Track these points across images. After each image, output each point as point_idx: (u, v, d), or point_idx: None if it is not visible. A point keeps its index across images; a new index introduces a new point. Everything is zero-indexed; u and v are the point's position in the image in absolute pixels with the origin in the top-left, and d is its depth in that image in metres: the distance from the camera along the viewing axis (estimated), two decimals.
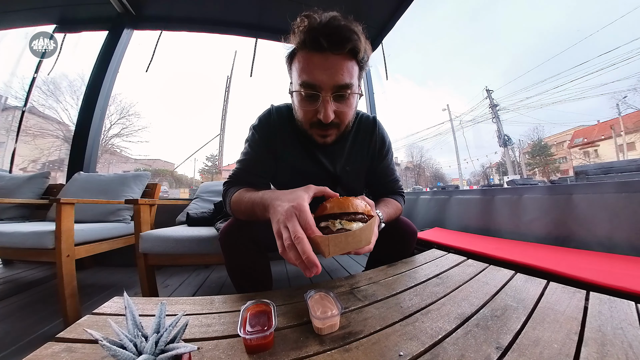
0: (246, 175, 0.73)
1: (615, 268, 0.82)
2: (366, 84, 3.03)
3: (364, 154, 0.80)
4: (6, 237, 1.16)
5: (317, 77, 0.56)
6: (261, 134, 0.74)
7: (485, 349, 0.36)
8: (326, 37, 0.53)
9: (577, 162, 16.22)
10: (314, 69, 0.56)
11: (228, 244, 0.69)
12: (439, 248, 1.09)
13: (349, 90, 0.59)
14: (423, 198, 2.19)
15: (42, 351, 0.35)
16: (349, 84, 0.58)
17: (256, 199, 0.58)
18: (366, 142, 0.79)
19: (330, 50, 0.55)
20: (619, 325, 0.40)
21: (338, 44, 0.54)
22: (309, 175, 0.74)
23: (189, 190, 13.12)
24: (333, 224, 0.47)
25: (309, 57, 0.57)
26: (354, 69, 0.59)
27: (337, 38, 0.54)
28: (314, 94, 0.58)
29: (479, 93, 16.45)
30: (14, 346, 0.89)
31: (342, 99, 0.59)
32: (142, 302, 0.51)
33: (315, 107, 0.59)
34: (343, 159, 0.77)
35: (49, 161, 9.92)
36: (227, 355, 0.36)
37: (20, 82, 4.78)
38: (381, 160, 0.82)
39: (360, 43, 0.56)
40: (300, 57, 0.59)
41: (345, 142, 0.77)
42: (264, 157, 0.74)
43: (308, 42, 0.56)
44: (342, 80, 0.57)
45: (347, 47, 0.55)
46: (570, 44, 44.22)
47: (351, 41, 0.55)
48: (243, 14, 2.57)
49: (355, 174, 0.80)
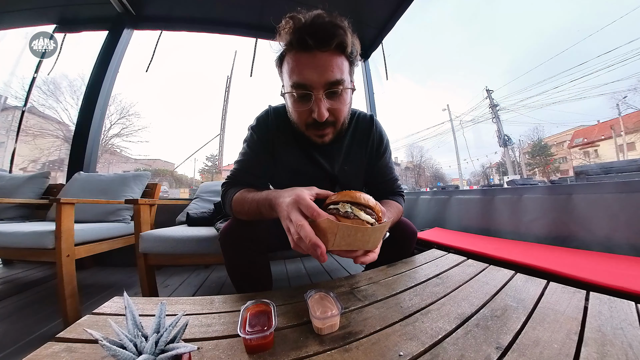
0: (244, 176, 0.73)
1: (615, 268, 0.82)
2: (366, 84, 3.02)
3: (362, 153, 0.79)
4: (6, 237, 1.16)
5: (307, 77, 0.56)
6: (259, 134, 0.74)
7: (485, 349, 0.36)
8: (312, 35, 0.53)
9: (577, 162, 16.22)
10: (303, 68, 0.56)
11: (228, 244, 0.69)
12: (439, 248, 1.09)
13: (340, 86, 0.58)
14: (423, 198, 2.19)
15: (42, 351, 0.35)
16: (340, 80, 0.57)
17: (261, 199, 0.59)
18: (364, 141, 0.78)
19: (317, 48, 0.54)
20: (619, 325, 0.40)
21: (324, 40, 0.54)
22: (307, 176, 0.74)
23: (189, 190, 13.12)
24: (344, 206, 0.46)
25: (298, 58, 0.56)
26: (344, 64, 0.59)
27: (322, 35, 0.54)
28: (306, 94, 0.57)
29: (479, 93, 16.46)
30: (14, 346, 0.89)
31: (334, 95, 0.59)
32: (142, 302, 0.51)
33: (308, 107, 0.58)
34: (341, 159, 0.76)
35: (49, 161, 9.92)
36: (227, 355, 0.36)
37: (20, 82, 4.79)
38: (379, 158, 0.81)
39: (346, 37, 0.56)
40: (289, 59, 0.58)
41: (343, 142, 0.76)
42: (262, 158, 0.74)
43: (295, 42, 0.55)
44: (332, 76, 0.56)
45: (333, 43, 0.55)
46: (570, 44, 44.28)
47: (337, 36, 0.55)
48: (243, 14, 2.57)
49: (353, 174, 0.80)
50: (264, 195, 0.58)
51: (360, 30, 2.74)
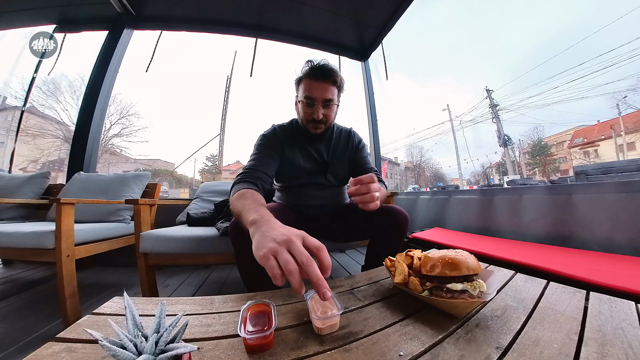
0: (254, 172, 0.88)
1: (615, 268, 0.82)
2: (366, 84, 3.03)
3: (345, 149, 1.10)
4: (6, 237, 1.16)
5: (314, 94, 0.92)
6: (271, 138, 1.01)
7: (485, 349, 0.36)
8: (320, 72, 0.91)
9: (577, 162, 16.22)
10: (312, 89, 0.92)
11: (238, 237, 0.73)
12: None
13: (331, 102, 0.94)
14: (423, 198, 2.19)
15: (42, 351, 0.35)
16: (331, 99, 0.94)
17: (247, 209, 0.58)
18: (345, 141, 1.11)
19: (322, 80, 0.91)
20: (619, 325, 0.40)
21: (327, 76, 0.91)
22: (306, 166, 1.03)
23: (189, 190, 13.10)
24: (455, 286, 0.45)
25: (310, 82, 0.92)
26: (335, 91, 0.95)
27: (326, 74, 0.91)
28: (311, 103, 0.93)
29: (480, 93, 16.45)
30: (14, 346, 0.89)
31: (327, 106, 0.95)
32: (142, 302, 0.51)
33: (312, 110, 0.94)
34: (330, 154, 1.07)
35: (49, 161, 9.91)
36: (227, 355, 0.36)
37: (20, 82, 4.78)
38: (358, 152, 1.11)
39: (338, 77, 0.94)
40: (305, 82, 0.94)
41: (330, 142, 1.08)
42: (270, 157, 0.96)
43: (311, 74, 0.92)
44: (327, 96, 0.93)
45: (331, 79, 0.92)
46: (570, 44, 44.24)
47: (333, 76, 0.92)
48: (243, 14, 2.57)
49: (340, 164, 1.09)
50: (255, 210, 0.56)
51: (360, 30, 2.75)
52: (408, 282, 0.51)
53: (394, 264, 0.58)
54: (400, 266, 0.54)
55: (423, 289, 0.48)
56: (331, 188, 1.10)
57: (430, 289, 0.47)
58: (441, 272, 0.46)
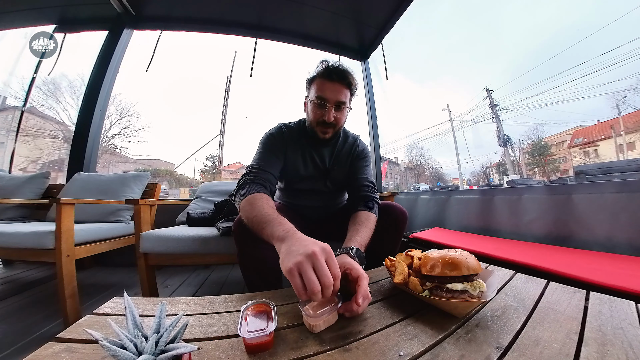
0: (262, 173, 0.86)
1: (615, 268, 0.82)
2: (366, 84, 3.03)
3: (347, 158, 1.06)
4: (6, 237, 1.16)
5: (327, 94, 0.88)
6: (277, 137, 0.98)
7: (486, 349, 0.36)
8: (336, 73, 0.87)
9: (577, 162, 16.22)
10: (325, 89, 0.88)
11: (241, 236, 0.73)
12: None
13: (343, 105, 0.91)
14: (423, 198, 2.19)
15: (42, 351, 0.35)
16: (344, 102, 0.90)
17: (268, 222, 0.59)
18: (348, 149, 1.06)
19: (337, 81, 0.87)
20: (619, 325, 0.40)
21: (342, 78, 0.87)
22: (306, 171, 1.01)
23: (189, 190, 13.10)
24: (455, 286, 0.45)
25: (323, 83, 0.88)
26: (348, 94, 0.91)
27: (341, 75, 0.87)
28: (323, 104, 0.88)
29: (479, 93, 16.44)
30: (14, 346, 0.89)
31: (339, 109, 0.91)
32: (142, 302, 0.51)
33: (322, 112, 0.90)
34: (332, 160, 1.04)
35: (49, 161, 9.90)
36: (227, 355, 0.36)
37: (20, 82, 4.78)
38: (357, 160, 1.05)
39: (353, 80, 0.90)
40: (318, 82, 0.90)
41: (334, 148, 1.04)
42: (276, 156, 0.94)
43: (325, 74, 0.88)
44: (340, 98, 0.89)
45: (346, 81, 0.88)
46: (570, 43, 44.20)
47: (349, 78, 0.88)
48: (243, 14, 2.57)
49: (340, 171, 1.05)
50: (277, 223, 0.57)
51: (360, 30, 2.74)
52: (408, 282, 0.51)
53: (394, 264, 0.58)
54: (401, 266, 0.54)
55: (423, 289, 0.48)
56: (329, 193, 1.10)
57: (431, 289, 0.47)
58: (441, 272, 0.46)
